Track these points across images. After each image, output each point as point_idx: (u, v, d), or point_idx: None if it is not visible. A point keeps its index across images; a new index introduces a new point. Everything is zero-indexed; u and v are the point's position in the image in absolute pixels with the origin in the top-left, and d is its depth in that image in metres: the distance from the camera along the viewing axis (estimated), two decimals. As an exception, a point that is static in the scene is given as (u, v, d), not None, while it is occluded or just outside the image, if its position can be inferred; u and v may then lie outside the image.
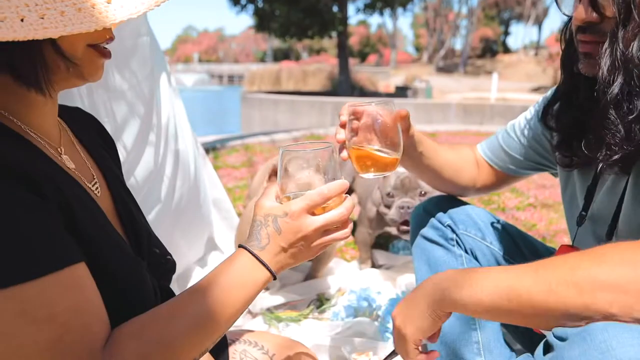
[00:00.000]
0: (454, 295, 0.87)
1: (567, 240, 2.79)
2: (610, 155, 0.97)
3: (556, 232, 2.89)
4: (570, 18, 1.11)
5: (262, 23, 15.60)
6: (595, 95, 1.01)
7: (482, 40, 46.34)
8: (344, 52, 16.48)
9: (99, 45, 0.79)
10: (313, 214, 0.85)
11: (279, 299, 1.97)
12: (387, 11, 17.57)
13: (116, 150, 1.13)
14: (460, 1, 39.36)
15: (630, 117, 0.93)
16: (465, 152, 1.48)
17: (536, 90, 23.98)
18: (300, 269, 2.19)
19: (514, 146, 1.39)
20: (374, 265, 2.36)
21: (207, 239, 2.20)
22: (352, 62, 19.41)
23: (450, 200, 1.51)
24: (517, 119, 1.43)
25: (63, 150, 0.87)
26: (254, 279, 0.83)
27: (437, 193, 2.09)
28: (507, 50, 49.51)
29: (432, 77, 24.20)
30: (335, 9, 15.45)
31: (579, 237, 1.23)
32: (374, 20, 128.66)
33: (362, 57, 53.80)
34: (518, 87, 24.45)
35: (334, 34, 15.76)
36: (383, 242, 2.50)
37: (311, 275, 2.15)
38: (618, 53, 0.93)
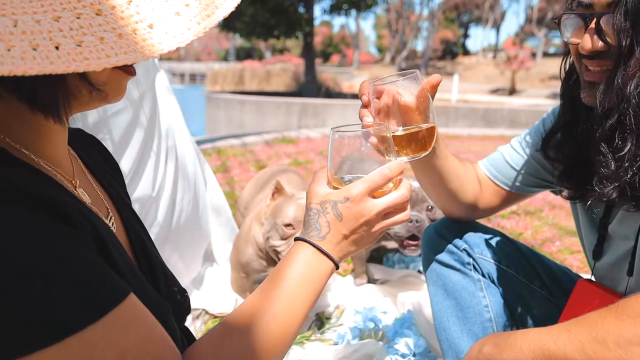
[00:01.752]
0: (497, 358, 0.92)
1: (554, 249, 2.83)
2: (603, 188, 0.96)
3: (544, 241, 2.92)
4: (568, 51, 1.10)
5: (227, 22, 15.36)
6: (588, 126, 1.03)
7: (443, 42, 47.32)
8: (310, 53, 16.42)
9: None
10: (373, 197, 0.81)
11: (276, 320, 1.88)
12: (352, 12, 17.60)
13: (121, 173, 1.05)
14: (421, 3, 39.96)
15: (620, 153, 0.93)
16: (469, 166, 1.40)
17: (495, 92, 24.64)
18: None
19: (520, 161, 1.36)
20: (369, 280, 2.31)
21: (204, 253, 2.10)
22: (316, 62, 19.42)
23: (462, 222, 1.47)
24: (522, 134, 1.40)
25: (78, 182, 0.79)
26: (319, 273, 0.79)
27: (440, 212, 2.04)
28: (466, 52, 50.72)
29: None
30: (301, 9, 15.38)
31: (597, 271, 1.22)
32: (337, 20, 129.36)
33: (325, 57, 53.93)
34: (477, 89, 25.06)
35: (300, 34, 15.68)
36: (376, 255, 2.45)
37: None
38: (615, 90, 0.92)
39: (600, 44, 0.95)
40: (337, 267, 0.82)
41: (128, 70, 0.71)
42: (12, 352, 0.51)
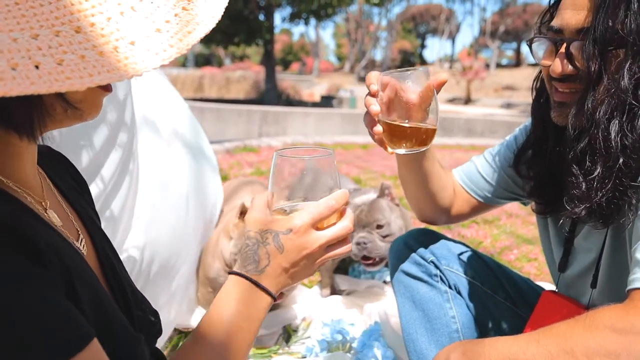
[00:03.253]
0: None
1: (513, 257, 2.92)
2: (574, 207, 1.01)
3: (502, 250, 3.01)
4: (540, 69, 1.14)
5: (187, 28, 15.14)
6: (560, 148, 1.06)
7: (401, 52, 48.25)
8: (270, 60, 16.41)
9: None
10: (317, 228, 0.79)
11: (243, 333, 1.85)
12: (312, 21, 17.70)
13: (89, 192, 1.01)
14: (380, 13, 40.60)
15: (590, 176, 0.97)
16: (448, 173, 1.44)
17: (451, 101, 25.25)
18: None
19: (492, 173, 1.40)
20: (334, 290, 2.31)
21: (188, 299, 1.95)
22: (276, 69, 19.41)
23: (429, 234, 1.50)
24: (495, 147, 1.44)
25: (48, 204, 0.76)
26: (257, 309, 0.77)
27: (393, 226, 2.04)
28: (423, 62, 51.85)
29: (354, 87, 24.72)
30: (262, 17, 15.36)
31: (562, 282, 1.26)
32: (297, 29, 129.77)
33: (285, 65, 53.91)
34: (435, 98, 25.56)
35: (260, 42, 15.64)
36: (341, 265, 2.45)
37: (275, 304, 2.06)
38: (586, 115, 0.97)
39: (570, 68, 1.00)
40: (275, 300, 0.80)
41: (105, 86, 0.69)
42: None
